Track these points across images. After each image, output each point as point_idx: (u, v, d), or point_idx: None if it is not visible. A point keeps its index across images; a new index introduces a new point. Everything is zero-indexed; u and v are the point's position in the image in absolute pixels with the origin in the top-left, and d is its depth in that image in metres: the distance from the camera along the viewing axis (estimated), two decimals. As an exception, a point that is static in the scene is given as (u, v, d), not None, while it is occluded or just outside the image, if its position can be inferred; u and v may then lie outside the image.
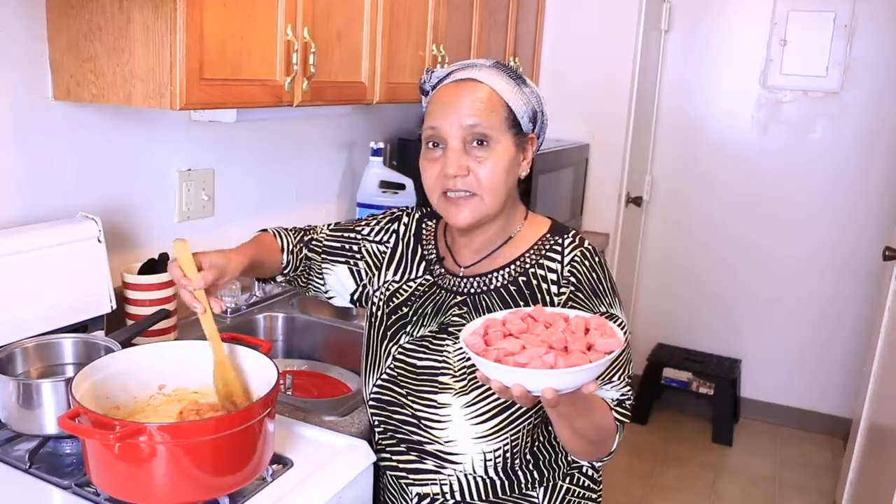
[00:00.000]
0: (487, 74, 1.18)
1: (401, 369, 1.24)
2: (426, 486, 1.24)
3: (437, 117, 1.17)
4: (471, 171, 1.15)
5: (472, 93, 1.16)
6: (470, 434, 1.17)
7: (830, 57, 3.41)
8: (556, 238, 1.23)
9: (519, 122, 1.18)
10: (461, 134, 1.15)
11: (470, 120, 1.14)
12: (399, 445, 1.26)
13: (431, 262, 1.31)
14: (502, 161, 1.16)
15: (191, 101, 1.34)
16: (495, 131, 1.15)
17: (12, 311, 1.33)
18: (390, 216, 1.38)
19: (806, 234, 3.60)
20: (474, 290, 1.24)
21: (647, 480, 3.23)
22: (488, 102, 1.15)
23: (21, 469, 1.16)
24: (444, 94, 1.19)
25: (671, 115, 3.73)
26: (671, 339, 3.94)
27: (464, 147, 1.15)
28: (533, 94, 1.21)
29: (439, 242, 1.32)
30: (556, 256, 1.21)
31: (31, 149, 1.48)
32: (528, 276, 1.21)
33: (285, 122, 2.19)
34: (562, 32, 3.24)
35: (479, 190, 1.16)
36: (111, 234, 1.60)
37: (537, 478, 1.23)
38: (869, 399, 2.55)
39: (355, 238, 1.37)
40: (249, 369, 1.20)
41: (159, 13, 1.30)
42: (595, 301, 1.18)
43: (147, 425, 0.97)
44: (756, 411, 3.81)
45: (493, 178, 1.16)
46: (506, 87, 1.17)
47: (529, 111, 1.19)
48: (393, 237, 1.36)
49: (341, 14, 1.74)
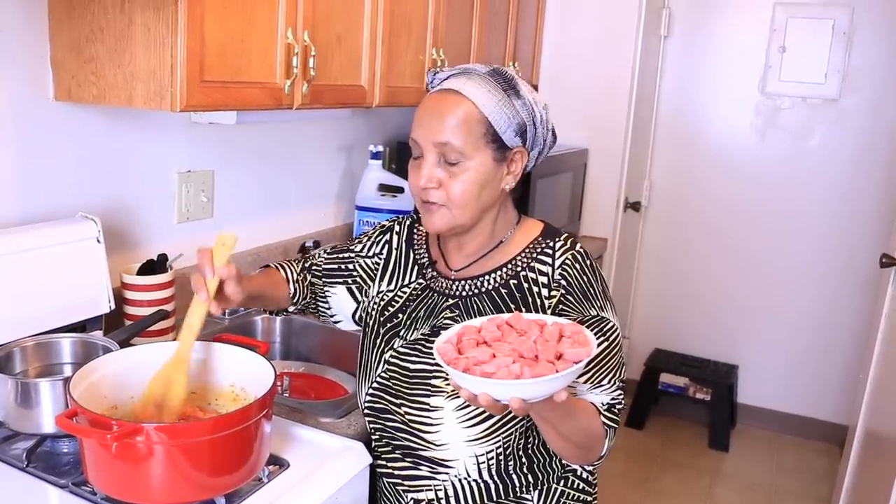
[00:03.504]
0: (475, 85, 1.16)
1: (393, 373, 1.25)
2: (421, 492, 1.25)
3: (416, 128, 1.19)
4: (442, 184, 1.17)
5: (449, 107, 1.15)
6: (462, 437, 1.18)
7: (829, 64, 3.42)
8: (548, 241, 1.24)
9: (500, 137, 1.17)
10: (434, 149, 1.17)
11: (441, 137, 1.15)
12: (394, 452, 1.26)
13: (423, 266, 1.31)
14: (474, 177, 1.16)
15: (191, 102, 1.35)
16: (469, 148, 1.15)
17: (11, 311, 1.33)
18: (381, 229, 1.40)
19: (803, 240, 3.61)
20: (466, 293, 1.24)
21: (644, 486, 3.23)
22: (465, 119, 1.14)
23: (18, 468, 1.17)
24: (426, 103, 1.20)
25: (670, 121, 3.74)
26: (668, 344, 3.94)
27: (438, 160, 1.17)
28: (525, 106, 1.18)
29: (431, 246, 1.33)
30: (547, 259, 1.21)
31: (31, 149, 1.49)
32: (518, 278, 1.22)
33: (285, 124, 2.19)
34: (561, 37, 3.25)
35: (448, 203, 1.18)
36: (110, 235, 1.61)
37: (531, 481, 1.23)
38: (865, 406, 2.55)
39: (350, 257, 1.38)
40: (247, 370, 1.20)
41: (161, 15, 1.31)
42: (585, 304, 1.18)
43: (144, 425, 0.98)
44: (753, 417, 3.81)
45: (463, 194, 1.17)
46: (490, 101, 1.15)
47: (515, 125, 1.17)
48: (385, 248, 1.36)
49: (342, 18, 1.75)
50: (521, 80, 1.22)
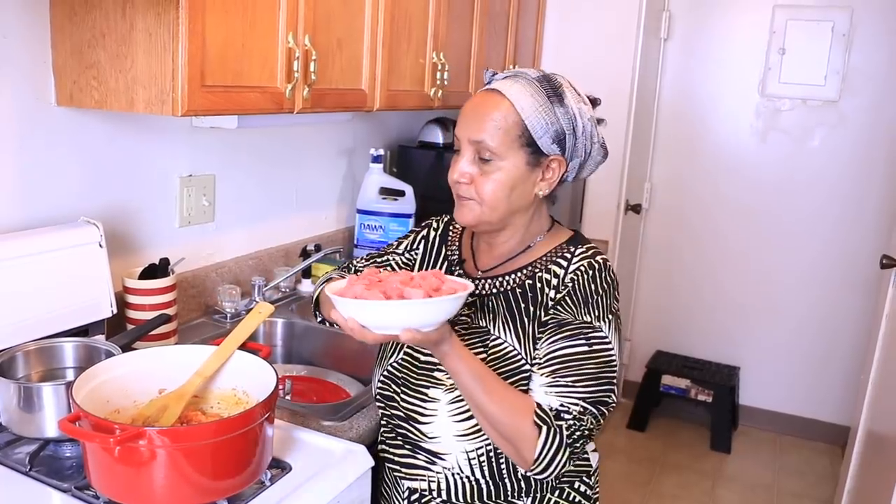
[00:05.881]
0: (519, 88, 1.17)
1: (406, 362, 1.27)
2: (416, 480, 1.27)
3: (459, 125, 1.22)
4: (474, 180, 1.19)
5: (489, 107, 1.18)
6: (452, 431, 1.20)
7: (829, 66, 3.43)
8: (570, 247, 1.24)
9: (535, 142, 1.17)
10: (470, 145, 1.19)
11: (477, 136, 1.18)
12: (397, 439, 1.30)
13: (452, 263, 1.34)
14: (504, 177, 1.18)
15: (192, 107, 1.35)
16: (502, 148, 1.17)
17: (14, 315, 1.34)
18: (423, 226, 1.43)
19: (804, 241, 3.61)
20: (485, 292, 1.26)
21: (646, 488, 3.23)
22: (503, 119, 1.16)
23: (21, 472, 1.17)
24: (471, 101, 1.23)
25: (670, 123, 3.75)
26: (670, 346, 3.94)
27: (473, 157, 1.19)
28: (567, 114, 1.18)
29: (464, 245, 1.36)
30: (564, 263, 1.22)
31: (33, 154, 1.49)
32: (534, 279, 1.23)
33: (286, 128, 2.20)
34: (562, 40, 3.26)
35: (478, 199, 1.20)
36: (112, 239, 1.61)
37: (524, 487, 1.24)
38: (867, 407, 2.55)
39: (386, 259, 1.41)
40: (249, 374, 1.21)
41: (162, 21, 1.31)
42: (583, 309, 1.17)
43: (147, 429, 0.98)
44: (754, 419, 3.81)
45: (492, 193, 1.19)
46: (530, 104, 1.16)
47: (553, 132, 1.17)
48: (422, 244, 1.40)
49: (342, 22, 1.76)
50: (572, 90, 1.20)
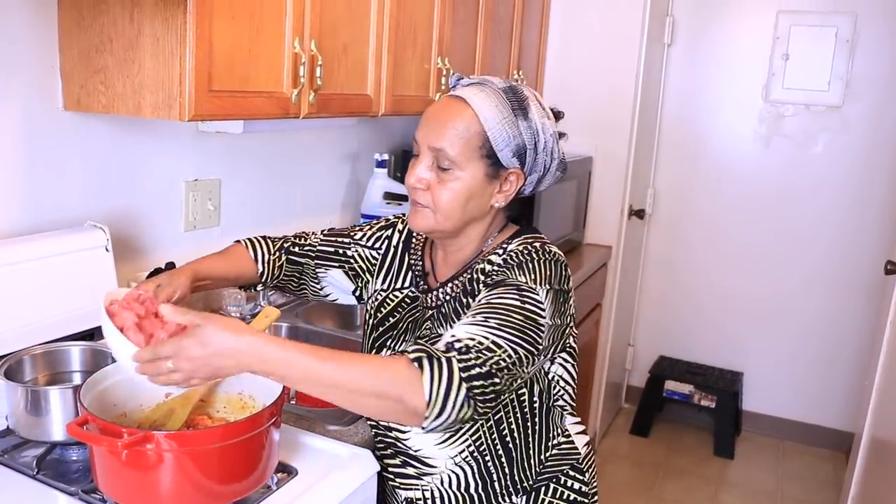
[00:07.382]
0: (484, 97, 1.16)
1: None
2: (410, 490, 1.29)
3: (419, 129, 1.20)
4: (430, 187, 1.18)
5: (452, 115, 1.16)
6: (430, 441, 1.22)
7: (832, 71, 3.43)
8: (510, 240, 1.23)
9: (496, 154, 1.16)
10: (430, 152, 1.18)
11: (437, 143, 1.16)
12: (387, 449, 1.31)
13: (417, 276, 1.33)
14: (461, 187, 1.17)
15: (199, 112, 1.36)
16: (462, 158, 1.15)
17: (21, 319, 1.34)
18: (385, 223, 1.41)
19: (807, 246, 3.61)
20: (441, 302, 1.26)
21: (649, 493, 3.23)
22: (465, 129, 1.15)
23: (28, 475, 1.17)
24: (434, 106, 1.21)
25: (674, 129, 3.75)
26: (673, 351, 3.94)
27: (432, 163, 1.18)
28: (531, 129, 1.16)
29: (426, 256, 1.34)
30: (500, 251, 1.21)
31: (40, 158, 1.50)
32: (472, 272, 1.22)
33: (291, 133, 2.20)
34: (565, 45, 3.26)
35: (433, 207, 1.19)
36: (118, 243, 1.62)
37: (515, 482, 1.24)
38: (871, 413, 2.55)
39: (348, 243, 1.40)
40: (255, 378, 1.20)
41: (169, 26, 1.32)
42: (517, 271, 1.12)
43: (154, 433, 0.99)
44: (758, 424, 3.81)
45: (448, 202, 1.17)
46: (494, 116, 1.14)
47: (514, 145, 1.16)
48: (385, 243, 1.38)
49: (348, 28, 1.76)
50: (537, 103, 1.19)
